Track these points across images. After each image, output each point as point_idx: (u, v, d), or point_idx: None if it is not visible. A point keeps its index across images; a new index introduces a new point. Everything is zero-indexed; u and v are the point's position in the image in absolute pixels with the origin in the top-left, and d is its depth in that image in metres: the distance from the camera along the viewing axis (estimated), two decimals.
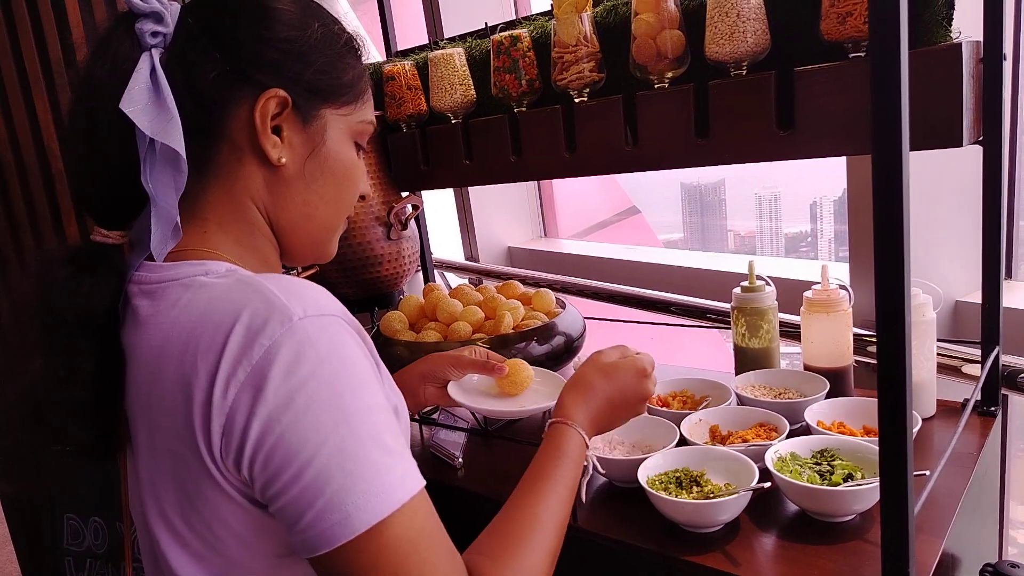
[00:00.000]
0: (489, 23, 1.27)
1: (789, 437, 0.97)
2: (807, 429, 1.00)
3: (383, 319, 1.41)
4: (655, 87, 1.00)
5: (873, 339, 1.27)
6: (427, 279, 1.80)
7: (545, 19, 1.18)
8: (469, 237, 2.69)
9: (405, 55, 1.48)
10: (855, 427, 1.01)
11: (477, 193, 2.64)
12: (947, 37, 0.79)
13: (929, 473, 0.81)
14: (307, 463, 0.56)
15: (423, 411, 1.26)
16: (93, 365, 0.65)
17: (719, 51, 0.91)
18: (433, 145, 1.35)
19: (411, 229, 1.71)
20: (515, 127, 1.20)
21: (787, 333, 1.28)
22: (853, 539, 0.83)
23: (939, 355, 1.14)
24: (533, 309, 1.39)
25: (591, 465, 0.82)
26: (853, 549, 0.82)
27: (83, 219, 1.64)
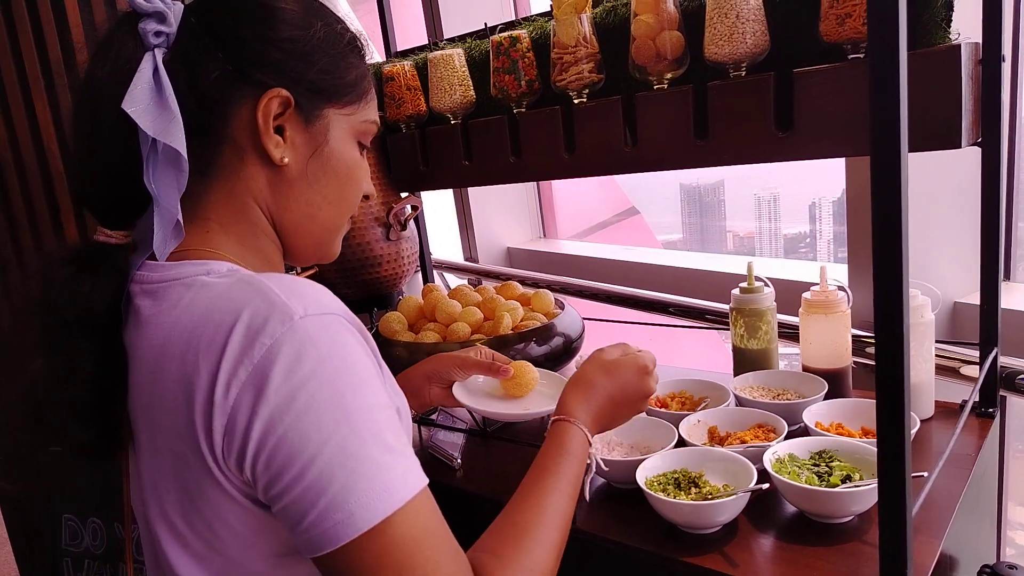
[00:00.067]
0: (488, 24, 1.27)
1: (787, 438, 0.97)
2: (805, 430, 1.00)
3: (382, 320, 1.41)
4: (654, 88, 1.00)
5: (872, 340, 1.27)
6: (426, 280, 1.80)
7: (544, 20, 1.18)
8: (468, 237, 2.69)
9: (404, 55, 1.48)
10: (853, 428, 1.01)
11: (476, 194, 2.64)
12: (946, 39, 0.79)
13: (927, 474, 0.81)
14: (309, 462, 0.56)
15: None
16: (94, 365, 0.65)
17: (718, 52, 0.91)
18: (432, 146, 1.35)
19: (410, 230, 1.71)
20: (514, 128, 1.20)
21: (786, 334, 1.29)
22: (851, 540, 0.83)
23: (937, 356, 1.14)
24: (532, 310, 1.39)
25: (594, 463, 0.82)
26: (851, 550, 0.82)
27: (83, 219, 1.64)
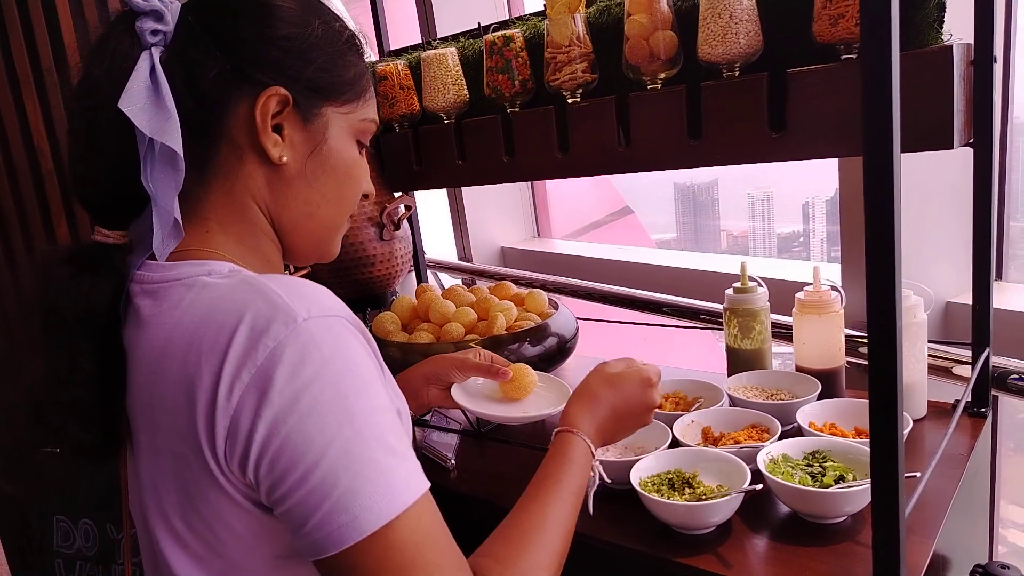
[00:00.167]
0: (482, 23, 1.26)
1: (781, 438, 0.97)
2: (799, 430, 1.00)
3: (375, 320, 1.41)
4: (648, 88, 1.00)
5: (865, 340, 1.27)
6: (420, 280, 1.79)
7: (538, 19, 1.18)
8: (462, 237, 2.68)
9: (398, 55, 1.48)
10: (847, 428, 1.01)
11: (470, 193, 2.64)
12: (938, 40, 0.79)
13: (920, 474, 0.82)
14: (313, 465, 0.56)
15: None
16: (94, 365, 0.65)
17: (712, 52, 0.91)
18: (426, 145, 1.35)
19: (404, 229, 1.70)
20: (508, 127, 1.20)
21: (779, 334, 1.29)
22: (844, 540, 0.83)
23: (930, 356, 1.15)
24: (526, 310, 1.39)
25: (597, 475, 0.81)
26: (844, 551, 0.82)
27: (73, 219, 1.63)
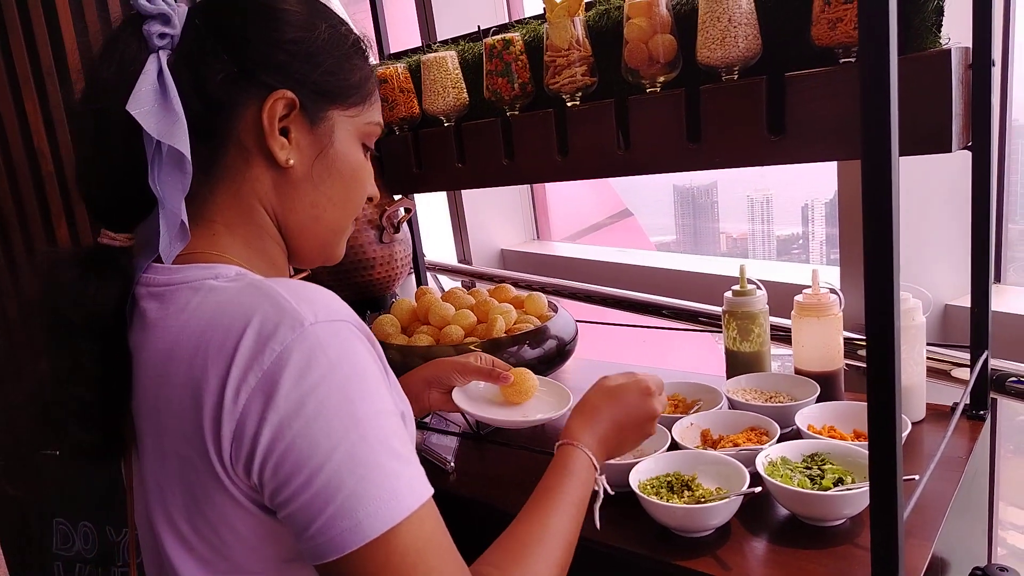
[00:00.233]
0: (482, 26, 1.27)
1: (780, 441, 0.97)
2: (798, 433, 1.01)
3: (375, 323, 1.41)
4: (647, 91, 1.01)
5: (864, 343, 1.27)
6: (420, 282, 1.79)
7: (538, 23, 1.18)
8: (462, 239, 2.69)
9: (398, 58, 1.48)
10: (845, 431, 1.01)
11: (470, 195, 2.64)
12: (936, 43, 0.79)
13: (919, 477, 0.82)
14: (318, 469, 0.56)
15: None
16: (98, 366, 0.65)
17: (711, 56, 0.91)
18: (425, 148, 1.35)
19: (403, 232, 1.71)
20: (507, 130, 1.20)
21: (779, 336, 1.29)
22: (843, 543, 0.84)
23: (929, 359, 1.15)
24: (525, 313, 1.39)
25: (602, 489, 0.80)
26: (843, 553, 0.82)
27: (73, 220, 1.63)
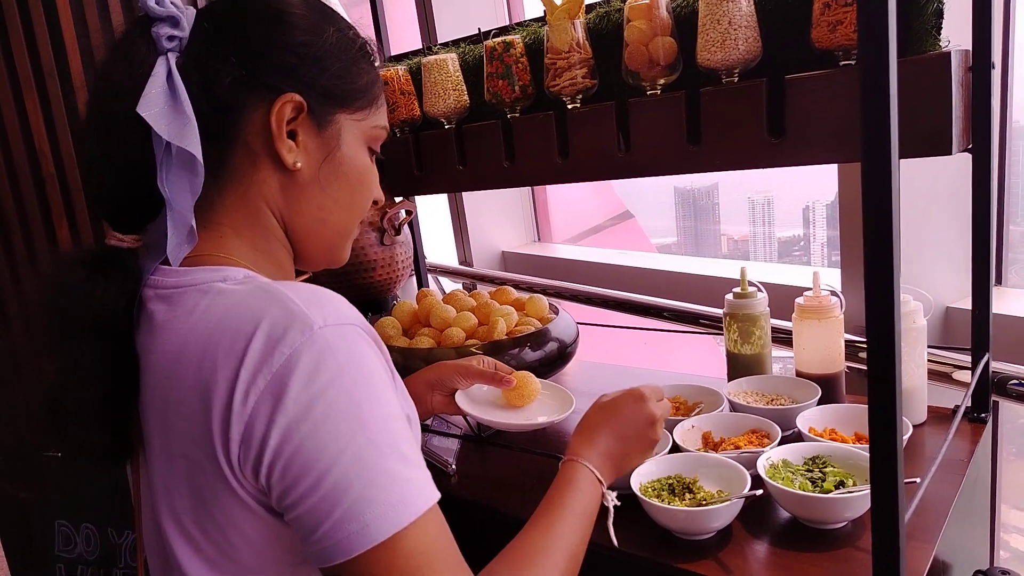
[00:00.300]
0: (482, 29, 1.27)
1: (781, 444, 0.97)
2: (799, 436, 1.00)
3: (376, 325, 1.41)
4: (647, 94, 1.01)
5: (865, 345, 1.27)
6: (421, 284, 1.80)
7: (538, 25, 1.18)
8: (463, 241, 2.69)
9: (398, 60, 1.48)
10: (847, 434, 1.01)
11: (471, 197, 2.64)
12: (936, 46, 0.79)
13: (920, 480, 0.82)
14: (326, 472, 0.56)
15: None
16: (106, 368, 0.65)
17: (711, 58, 0.91)
18: (426, 150, 1.35)
19: (404, 234, 1.71)
20: (508, 133, 1.20)
21: (780, 339, 1.29)
22: (845, 546, 0.83)
23: (930, 361, 1.15)
24: (526, 315, 1.39)
25: (611, 505, 0.79)
26: (844, 556, 0.82)
27: (74, 221, 1.63)
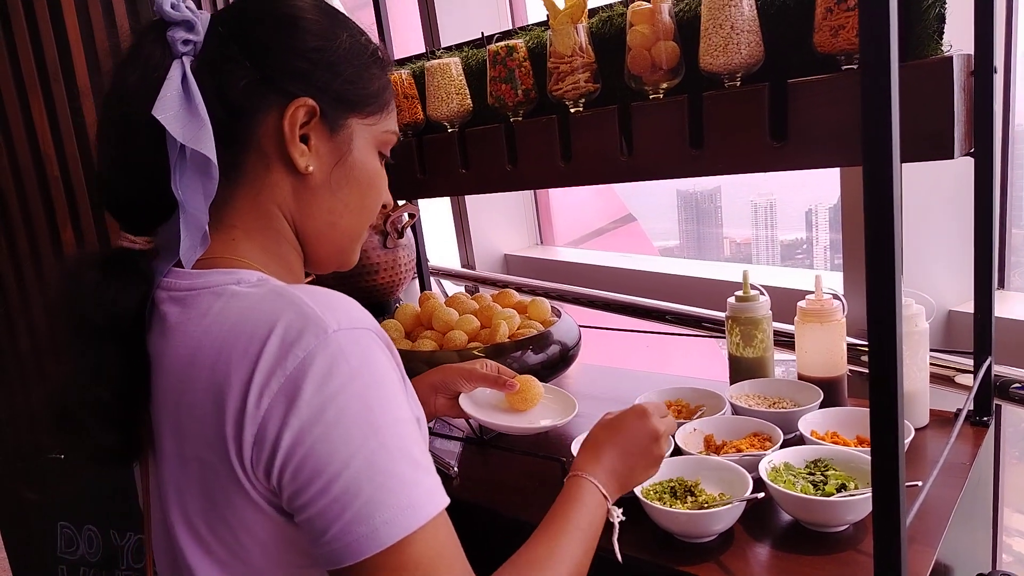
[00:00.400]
0: (485, 33, 1.27)
1: (783, 447, 0.97)
2: (801, 439, 1.01)
3: None
4: (650, 98, 1.01)
5: (867, 349, 1.27)
6: (423, 287, 1.80)
7: (541, 29, 1.19)
8: (465, 244, 2.69)
9: (402, 64, 1.48)
10: (849, 437, 1.01)
11: (474, 201, 2.64)
12: (938, 50, 0.79)
13: (922, 483, 0.82)
14: (336, 475, 0.56)
15: None
16: (118, 369, 0.65)
17: (713, 63, 0.92)
18: (429, 154, 1.36)
19: (407, 237, 1.71)
20: (511, 136, 1.20)
21: (782, 342, 1.29)
22: (846, 549, 0.84)
23: (932, 365, 1.15)
24: (529, 318, 1.39)
25: (617, 520, 0.79)
26: (846, 559, 0.82)
27: (78, 223, 1.64)
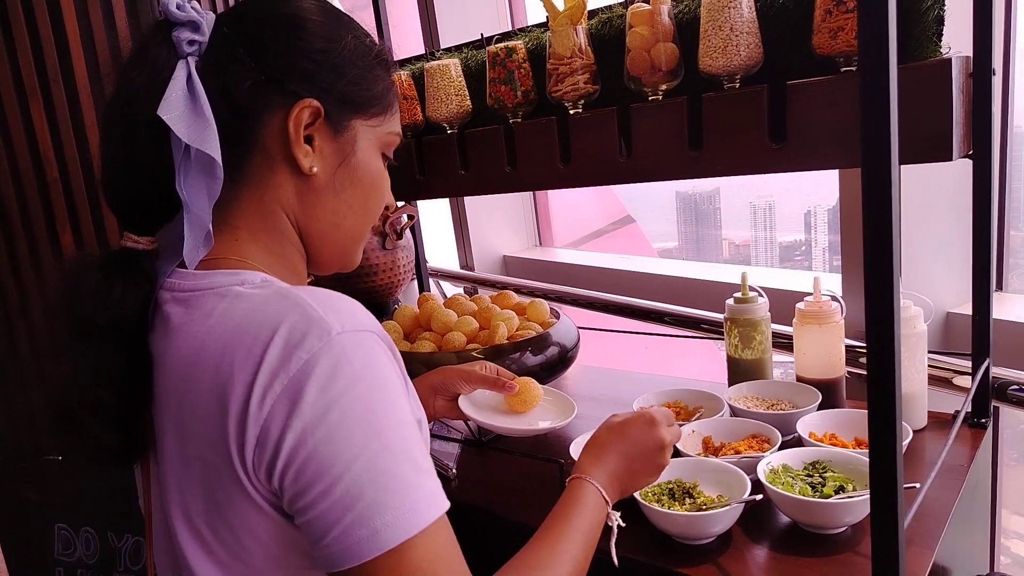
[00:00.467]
0: (485, 34, 1.27)
1: (781, 449, 0.97)
2: (799, 441, 1.01)
3: None
4: (649, 99, 1.01)
5: (865, 350, 1.27)
6: (422, 289, 1.80)
7: (540, 31, 1.19)
8: (464, 246, 2.69)
9: (401, 65, 1.48)
10: (847, 439, 1.01)
11: (473, 202, 2.64)
12: (937, 52, 0.79)
13: (920, 485, 0.82)
14: (338, 477, 0.56)
15: None
16: (121, 369, 0.65)
17: (713, 64, 0.92)
18: (429, 155, 1.36)
19: (406, 239, 1.71)
20: (510, 138, 1.20)
21: (780, 344, 1.29)
22: (844, 551, 0.84)
23: (930, 367, 1.15)
24: (527, 319, 1.39)
25: (615, 524, 0.79)
26: (844, 561, 0.82)
27: (77, 225, 1.64)
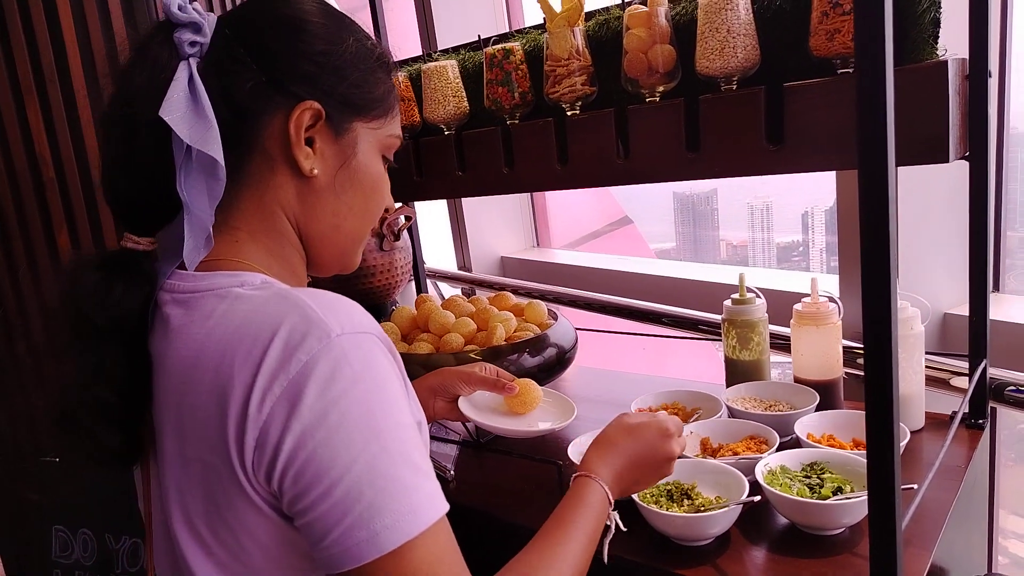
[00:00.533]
0: (482, 36, 1.27)
1: (779, 450, 0.97)
2: (797, 442, 1.01)
3: None
4: (646, 101, 1.01)
5: (863, 351, 1.28)
6: (420, 290, 1.80)
7: (538, 32, 1.19)
8: (462, 247, 2.69)
9: (399, 66, 1.48)
10: (845, 440, 1.01)
11: (470, 203, 2.64)
12: (933, 55, 0.80)
13: (917, 486, 0.82)
14: (338, 479, 0.56)
15: None
16: (120, 370, 0.65)
17: (710, 66, 0.92)
18: (426, 156, 1.36)
19: (404, 240, 1.71)
20: (508, 139, 1.20)
21: (778, 345, 1.29)
22: (842, 552, 0.84)
23: (927, 368, 1.15)
24: (525, 320, 1.39)
25: (614, 524, 0.79)
26: (842, 562, 0.82)
27: (74, 227, 1.64)
